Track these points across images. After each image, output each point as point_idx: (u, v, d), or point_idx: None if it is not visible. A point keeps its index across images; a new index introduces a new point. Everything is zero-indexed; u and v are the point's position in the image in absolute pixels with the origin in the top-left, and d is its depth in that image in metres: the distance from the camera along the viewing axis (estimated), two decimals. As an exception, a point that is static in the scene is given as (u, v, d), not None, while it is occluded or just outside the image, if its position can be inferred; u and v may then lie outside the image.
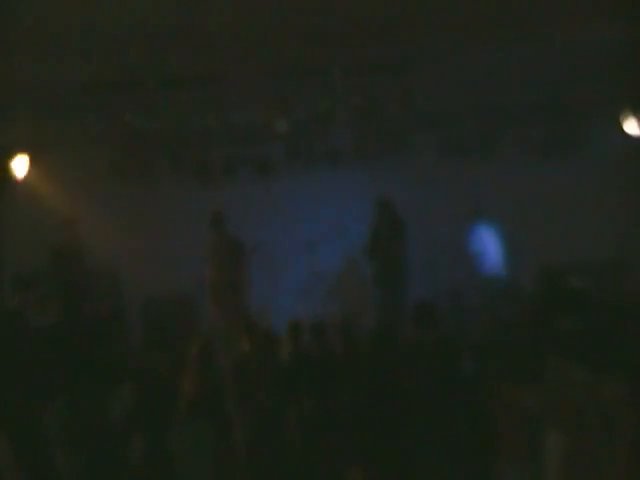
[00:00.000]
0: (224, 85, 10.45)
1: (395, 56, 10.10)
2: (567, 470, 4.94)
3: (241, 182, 12.23)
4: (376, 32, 9.34)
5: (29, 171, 11.95)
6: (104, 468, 6.33)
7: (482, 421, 6.23)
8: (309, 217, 11.89)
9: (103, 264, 11.61)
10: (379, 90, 10.62)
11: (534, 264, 11.60)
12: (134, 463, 6.55)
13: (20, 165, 11.91)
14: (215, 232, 10.96)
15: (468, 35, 9.51)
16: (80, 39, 8.85)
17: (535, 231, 11.84)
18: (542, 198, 12.13)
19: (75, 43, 8.94)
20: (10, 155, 11.92)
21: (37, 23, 8.44)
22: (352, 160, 12.11)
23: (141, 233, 11.96)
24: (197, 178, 12.12)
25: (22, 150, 11.88)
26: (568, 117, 11.98)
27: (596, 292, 11.05)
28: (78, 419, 6.35)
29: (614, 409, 4.96)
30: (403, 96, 10.56)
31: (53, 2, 8.07)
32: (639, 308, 9.00)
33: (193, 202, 11.70)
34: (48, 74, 9.79)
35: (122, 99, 10.58)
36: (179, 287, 11.18)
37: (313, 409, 7.32)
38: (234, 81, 10.34)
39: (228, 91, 10.55)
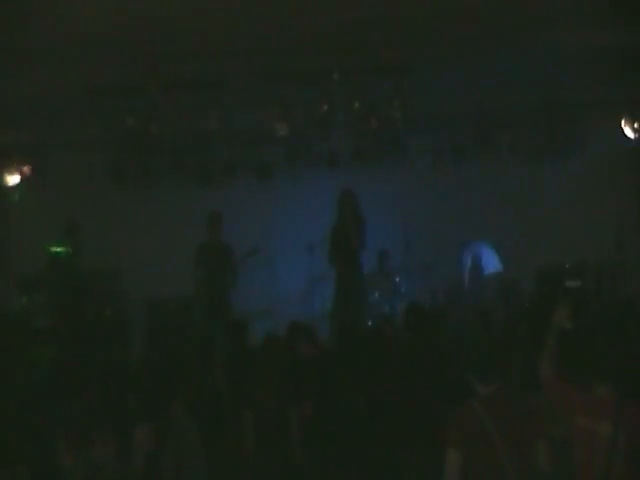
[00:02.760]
0: (224, 88, 10.48)
1: (394, 58, 10.13)
2: None
3: (241, 184, 12.28)
4: (375, 34, 9.37)
5: (30, 172, 11.99)
6: (104, 467, 6.36)
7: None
8: (309, 219, 11.93)
9: (103, 265, 11.64)
10: (378, 93, 10.66)
11: (534, 264, 11.63)
12: (136, 462, 6.58)
13: (21, 166, 11.95)
14: (210, 233, 10.94)
15: (467, 37, 9.54)
16: (81, 41, 8.88)
17: (535, 231, 11.88)
18: (541, 199, 12.16)
19: (76, 45, 8.96)
20: (13, 158, 11.96)
21: (38, 26, 8.47)
22: (351, 163, 12.16)
23: (142, 235, 12.00)
24: (198, 180, 12.15)
25: (23, 151, 11.92)
26: (568, 118, 12.00)
27: (596, 292, 11.13)
28: (78, 418, 6.38)
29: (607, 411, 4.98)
30: (402, 99, 10.60)
31: (54, 4, 8.10)
32: (639, 308, 9.05)
33: (194, 204, 11.75)
34: (49, 76, 9.82)
35: (123, 102, 10.61)
36: (179, 288, 11.21)
37: (312, 410, 7.35)
38: (234, 84, 10.37)
39: (228, 94, 10.58)
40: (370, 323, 10.88)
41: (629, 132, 11.55)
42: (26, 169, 11.90)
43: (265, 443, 7.11)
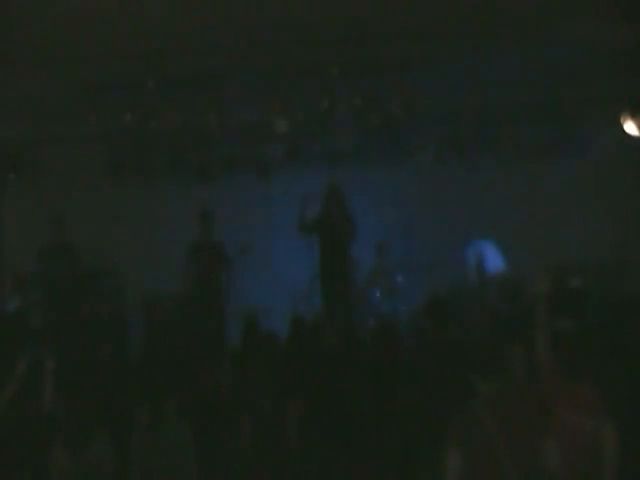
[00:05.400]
0: (223, 85, 10.44)
1: (395, 56, 10.09)
2: None
3: (240, 182, 12.24)
4: (376, 32, 9.34)
5: (29, 171, 11.96)
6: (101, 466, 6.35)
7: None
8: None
9: (103, 264, 11.61)
10: (379, 90, 10.62)
11: (534, 264, 11.58)
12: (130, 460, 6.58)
13: (20, 165, 11.92)
14: (202, 231, 10.92)
15: (468, 35, 9.51)
16: (80, 38, 8.86)
17: (535, 231, 11.84)
18: (542, 198, 12.13)
19: (75, 43, 8.95)
20: (10, 155, 11.92)
21: (36, 23, 8.45)
22: (351, 160, 12.11)
23: (141, 233, 11.96)
24: (196, 178, 12.13)
25: (20, 148, 11.89)
26: (568, 117, 11.97)
27: (596, 292, 11.09)
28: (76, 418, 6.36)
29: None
30: (403, 96, 10.56)
31: (53, 2, 8.07)
32: (639, 308, 9.02)
33: (193, 202, 11.70)
34: (47, 72, 9.79)
35: (122, 99, 10.57)
36: (179, 287, 11.17)
37: (313, 408, 7.31)
38: (233, 81, 10.34)
39: (227, 91, 10.54)
40: (371, 322, 10.83)
41: (632, 130, 11.50)
42: (23, 166, 11.87)
43: (262, 443, 7.08)
